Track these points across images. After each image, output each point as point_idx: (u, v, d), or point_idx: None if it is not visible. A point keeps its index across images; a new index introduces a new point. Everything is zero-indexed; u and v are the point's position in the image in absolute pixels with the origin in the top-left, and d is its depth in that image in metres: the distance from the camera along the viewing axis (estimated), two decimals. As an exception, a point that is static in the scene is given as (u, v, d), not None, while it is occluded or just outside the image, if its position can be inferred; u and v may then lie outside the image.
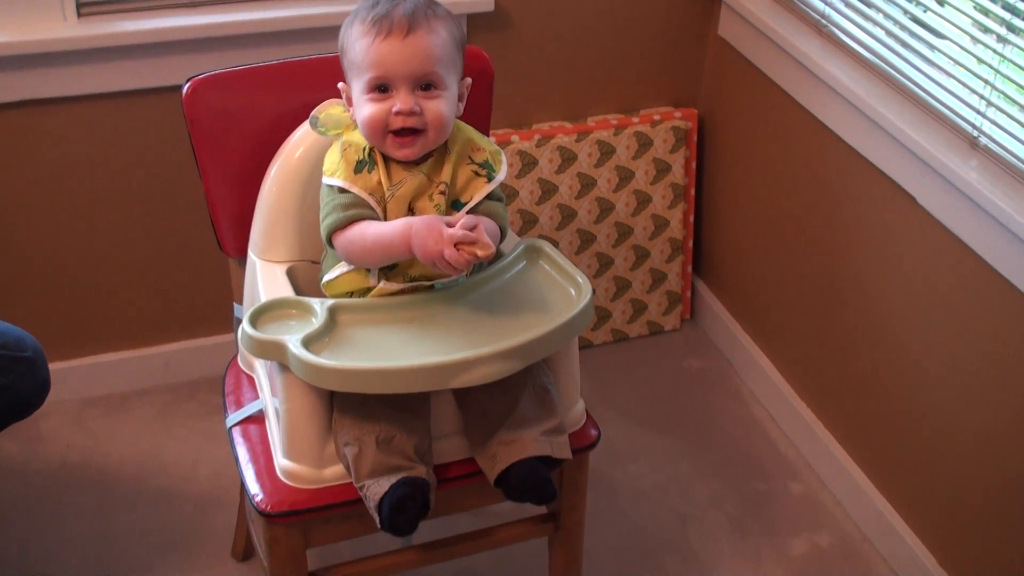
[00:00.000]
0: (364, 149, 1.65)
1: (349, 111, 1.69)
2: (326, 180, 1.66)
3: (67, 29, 2.18)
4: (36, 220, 2.36)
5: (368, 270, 1.66)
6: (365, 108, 1.63)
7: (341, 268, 1.68)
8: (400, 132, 1.62)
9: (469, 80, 1.72)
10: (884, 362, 2.24)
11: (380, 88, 1.62)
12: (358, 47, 1.62)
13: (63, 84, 2.23)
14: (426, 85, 1.62)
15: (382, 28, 1.61)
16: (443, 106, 1.63)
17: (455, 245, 1.52)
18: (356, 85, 1.65)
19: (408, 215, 1.64)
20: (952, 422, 2.08)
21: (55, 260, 2.42)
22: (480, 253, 1.53)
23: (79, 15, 2.21)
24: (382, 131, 1.62)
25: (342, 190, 1.64)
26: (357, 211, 1.62)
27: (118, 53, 2.23)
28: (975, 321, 1.99)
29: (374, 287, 1.66)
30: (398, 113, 1.60)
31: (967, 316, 2.01)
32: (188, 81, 1.78)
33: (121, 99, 2.29)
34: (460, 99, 1.69)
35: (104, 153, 2.34)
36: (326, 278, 1.70)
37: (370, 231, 1.61)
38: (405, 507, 1.55)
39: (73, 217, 2.38)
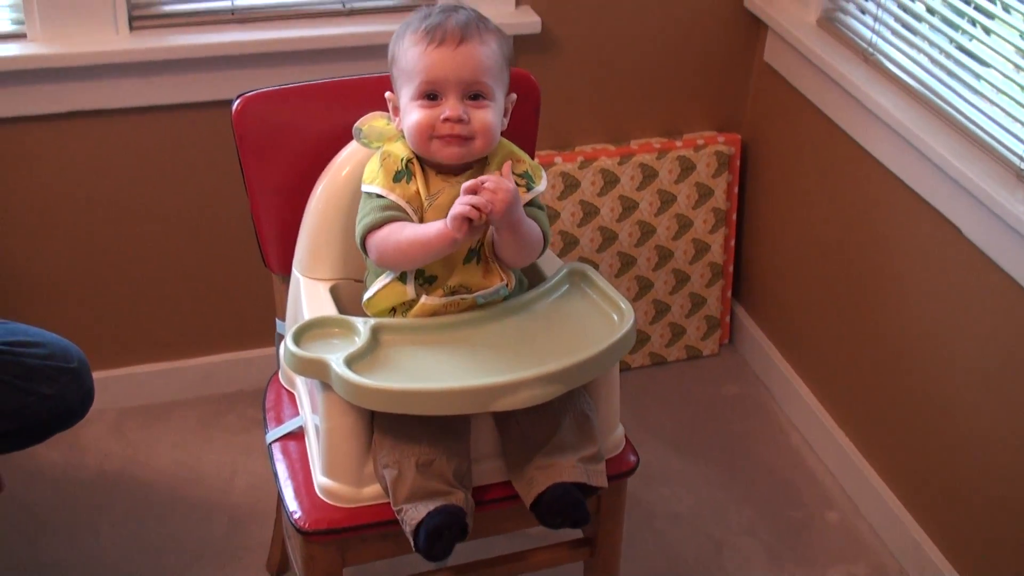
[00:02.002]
0: (402, 160, 1.67)
1: (395, 121, 1.71)
2: (364, 188, 1.68)
3: (119, 42, 2.21)
4: (82, 230, 2.38)
5: (405, 283, 1.67)
6: (413, 114, 1.64)
7: (380, 282, 1.69)
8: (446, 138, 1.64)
9: (514, 96, 1.73)
10: (924, 393, 2.22)
11: (430, 96, 1.63)
12: (410, 55, 1.64)
13: (114, 96, 2.26)
14: (475, 95, 1.64)
15: (435, 37, 1.62)
16: (490, 115, 1.64)
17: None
18: (405, 92, 1.66)
19: None
20: (993, 455, 2.06)
21: (100, 270, 2.43)
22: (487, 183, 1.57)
23: (131, 28, 2.23)
24: (428, 136, 1.64)
25: (380, 196, 1.65)
26: (393, 213, 1.64)
27: (169, 67, 2.25)
28: (1020, 355, 1.98)
29: (414, 300, 1.67)
30: (446, 120, 1.62)
31: (1011, 350, 1.99)
32: (239, 97, 1.80)
33: (170, 112, 2.31)
34: (504, 114, 1.71)
35: (151, 165, 2.36)
36: (366, 296, 1.71)
37: (408, 228, 1.63)
38: (441, 536, 1.56)
39: (119, 228, 2.40)
